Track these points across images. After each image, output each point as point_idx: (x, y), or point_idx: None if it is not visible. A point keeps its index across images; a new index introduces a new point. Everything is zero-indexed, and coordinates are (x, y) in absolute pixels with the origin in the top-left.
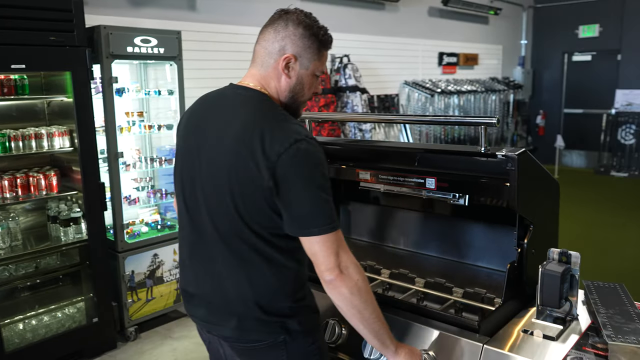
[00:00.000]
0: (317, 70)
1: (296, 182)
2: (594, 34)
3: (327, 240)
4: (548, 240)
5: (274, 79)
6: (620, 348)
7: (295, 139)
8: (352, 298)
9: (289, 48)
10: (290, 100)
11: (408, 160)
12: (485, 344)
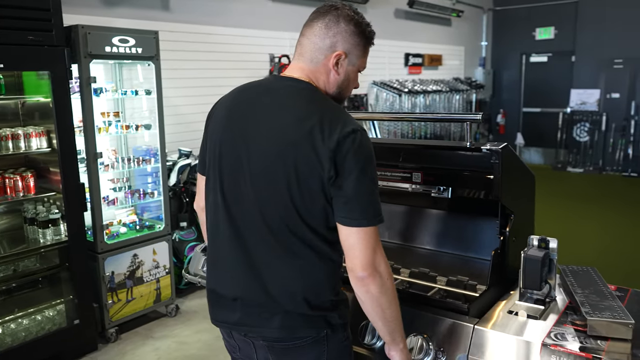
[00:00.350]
0: (362, 67)
1: (353, 170)
2: (549, 36)
3: (367, 234)
4: (527, 228)
5: (323, 74)
6: (598, 323)
7: (352, 129)
8: (380, 297)
9: (340, 45)
10: (336, 95)
11: (395, 156)
12: (476, 324)
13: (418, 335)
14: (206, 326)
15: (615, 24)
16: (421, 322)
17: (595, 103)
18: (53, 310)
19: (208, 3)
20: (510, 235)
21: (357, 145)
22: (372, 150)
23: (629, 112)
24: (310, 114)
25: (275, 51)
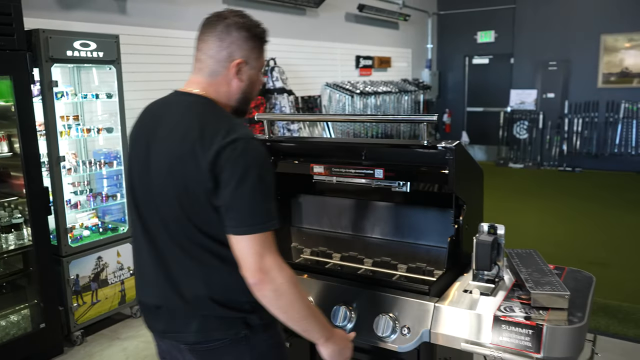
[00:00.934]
0: (261, 66)
1: (232, 179)
2: (490, 39)
3: (252, 241)
4: (477, 217)
5: (224, 85)
6: (539, 296)
7: (234, 138)
8: (277, 301)
9: (237, 53)
10: (242, 100)
11: (357, 154)
12: (436, 303)
13: (385, 315)
14: None
15: (549, 29)
16: (387, 304)
17: (533, 102)
18: (18, 315)
19: (164, 7)
20: (464, 223)
21: (238, 154)
22: (258, 156)
23: (562, 111)
24: (194, 128)
25: None
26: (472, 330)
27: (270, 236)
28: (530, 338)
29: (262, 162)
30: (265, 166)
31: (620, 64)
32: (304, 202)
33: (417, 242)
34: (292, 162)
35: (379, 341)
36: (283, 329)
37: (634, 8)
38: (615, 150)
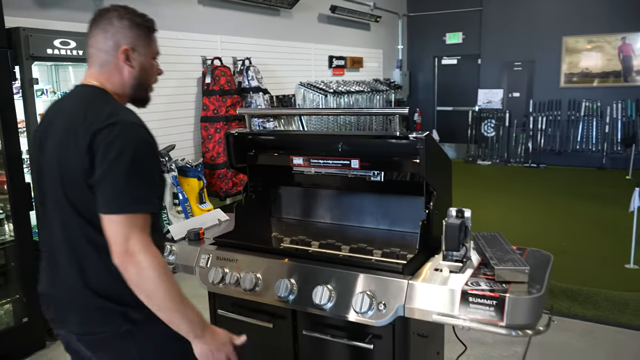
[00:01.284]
0: (153, 54)
1: (104, 159)
2: (458, 40)
3: (119, 221)
4: (446, 203)
5: (116, 73)
6: (502, 271)
7: (113, 121)
8: (140, 285)
9: (122, 41)
10: (137, 87)
11: (334, 146)
12: (409, 280)
13: (363, 293)
14: None
15: (515, 30)
16: (364, 283)
17: (500, 101)
18: (0, 309)
19: (140, 6)
20: (434, 209)
21: (114, 136)
22: (137, 142)
23: (527, 110)
24: (80, 115)
25: (207, 54)
26: (443, 304)
27: (141, 219)
28: (495, 308)
29: (139, 146)
30: (142, 151)
31: (581, 64)
32: (283, 193)
33: (392, 229)
34: (271, 155)
35: (358, 317)
36: None
37: (593, 11)
38: (577, 147)
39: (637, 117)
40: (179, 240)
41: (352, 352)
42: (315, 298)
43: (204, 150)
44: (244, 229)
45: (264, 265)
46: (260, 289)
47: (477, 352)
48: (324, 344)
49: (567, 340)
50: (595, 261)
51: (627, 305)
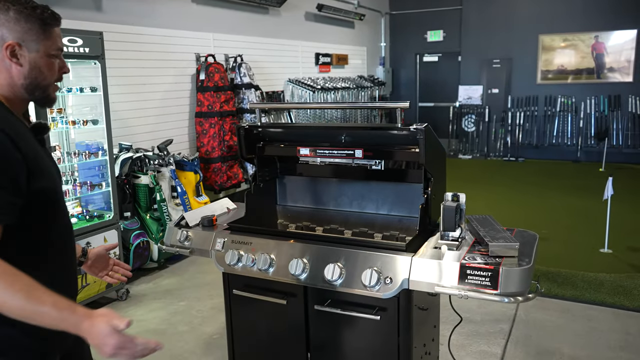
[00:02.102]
0: (51, 50)
1: None
2: (439, 38)
3: None
4: (442, 189)
5: (3, 72)
6: (496, 247)
7: None
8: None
9: (7, 36)
10: (30, 87)
11: (338, 137)
12: (413, 257)
13: (370, 269)
14: (160, 304)
15: (493, 29)
16: (371, 261)
17: (479, 98)
18: None
19: (137, 5)
20: (432, 193)
21: None
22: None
23: (506, 105)
24: None
25: (201, 51)
26: (443, 277)
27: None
28: (490, 279)
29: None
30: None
31: (556, 62)
32: (287, 182)
33: (391, 214)
34: (279, 146)
35: (367, 291)
36: None
37: (568, 11)
38: (553, 141)
39: (609, 112)
40: (194, 226)
41: (359, 324)
42: (327, 275)
43: (198, 145)
44: (254, 215)
45: (277, 247)
46: (275, 269)
47: (467, 329)
48: (333, 318)
49: (548, 318)
50: (573, 246)
51: (602, 285)
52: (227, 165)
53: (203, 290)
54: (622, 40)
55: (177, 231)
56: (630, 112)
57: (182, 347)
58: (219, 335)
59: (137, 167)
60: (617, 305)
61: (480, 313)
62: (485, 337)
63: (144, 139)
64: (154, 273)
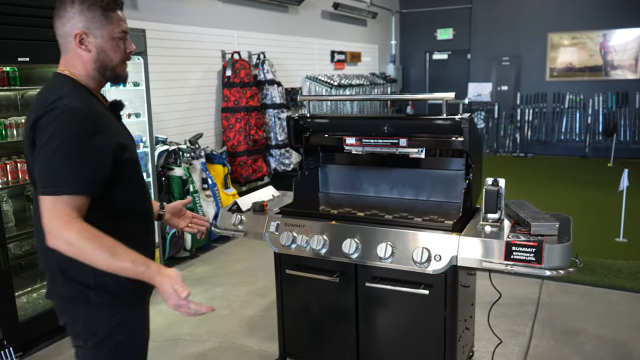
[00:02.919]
0: (114, 33)
1: (40, 143)
2: (449, 36)
3: (48, 204)
4: (479, 175)
5: (77, 58)
6: (538, 225)
7: (51, 107)
8: (75, 255)
9: (75, 27)
10: (101, 69)
11: (381, 127)
12: (460, 236)
13: (422, 247)
14: (197, 290)
15: (503, 27)
16: (420, 241)
17: (489, 95)
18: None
19: (168, 3)
20: (473, 179)
21: (49, 121)
22: (70, 127)
23: (515, 102)
24: (37, 101)
25: (226, 48)
26: (490, 253)
27: (66, 201)
28: (534, 254)
29: (70, 131)
30: (74, 135)
31: (565, 59)
32: (329, 171)
33: (429, 199)
34: (324, 136)
35: (418, 267)
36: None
37: (576, 9)
38: (561, 137)
39: (617, 109)
40: (246, 211)
41: (407, 300)
42: (380, 252)
43: (224, 139)
44: (302, 200)
45: (328, 229)
46: (327, 249)
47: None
48: (382, 294)
49: (570, 301)
50: (589, 236)
51: (620, 271)
52: (252, 158)
53: (236, 277)
54: (630, 38)
55: (232, 215)
56: (637, 108)
57: (225, 327)
58: (260, 317)
59: (172, 160)
60: (635, 290)
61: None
62: (513, 318)
63: (175, 132)
64: (187, 262)
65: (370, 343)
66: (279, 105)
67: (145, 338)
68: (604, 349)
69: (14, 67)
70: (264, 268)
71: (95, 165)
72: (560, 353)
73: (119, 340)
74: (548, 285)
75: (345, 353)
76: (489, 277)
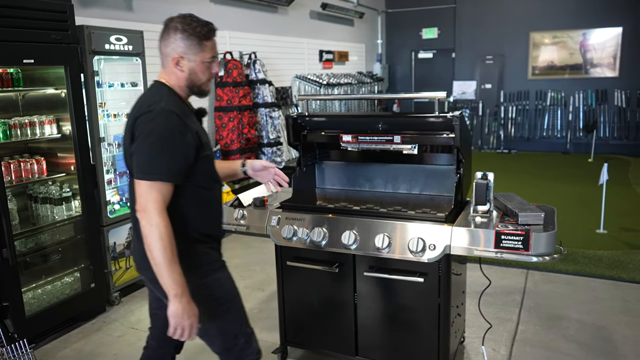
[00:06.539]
0: (204, 59)
1: (138, 137)
2: (434, 35)
3: (143, 186)
4: (469, 169)
5: (172, 73)
6: (524, 216)
7: (150, 109)
8: (147, 236)
9: (175, 51)
10: (190, 86)
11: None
12: (453, 226)
13: (417, 237)
14: None
15: (486, 26)
16: (415, 231)
17: (473, 92)
18: (70, 277)
19: (161, 4)
20: (463, 173)
21: (148, 120)
22: (165, 126)
23: (499, 100)
24: (138, 102)
25: (219, 48)
26: (481, 241)
27: (160, 186)
28: (522, 242)
29: (165, 129)
30: (168, 133)
31: (546, 58)
32: (325, 167)
33: (422, 193)
34: (322, 134)
35: (413, 256)
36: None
37: (557, 9)
38: (544, 134)
39: (597, 106)
40: (247, 206)
41: (403, 288)
42: (378, 243)
43: (217, 137)
44: (301, 195)
45: (327, 222)
46: (327, 241)
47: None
48: (378, 282)
49: (554, 289)
50: (571, 228)
51: (601, 260)
52: (245, 156)
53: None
54: (608, 37)
55: (234, 210)
56: (616, 105)
57: None
58: (258, 309)
59: None
60: (615, 278)
61: (493, 287)
62: (501, 306)
63: None
64: None
65: (368, 329)
66: (270, 104)
67: (229, 286)
68: (586, 333)
69: (18, 68)
70: (259, 263)
71: (183, 158)
72: (545, 337)
73: (204, 286)
74: (533, 275)
75: (344, 340)
76: (479, 266)
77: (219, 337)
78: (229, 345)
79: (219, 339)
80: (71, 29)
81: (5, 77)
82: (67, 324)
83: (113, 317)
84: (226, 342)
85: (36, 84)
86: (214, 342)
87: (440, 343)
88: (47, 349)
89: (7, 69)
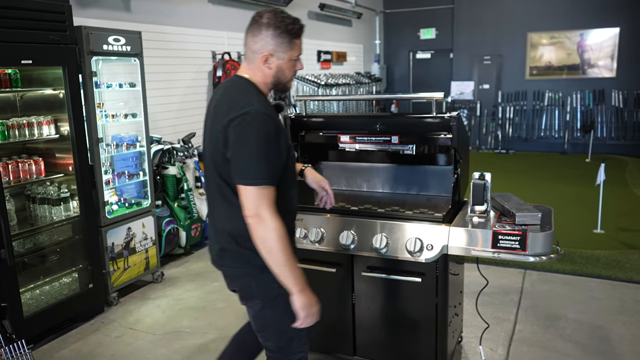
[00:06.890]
0: (292, 57)
1: (237, 142)
2: (432, 36)
3: (251, 192)
4: (467, 170)
5: (259, 70)
6: (522, 215)
7: (245, 111)
8: (263, 241)
9: (265, 48)
10: (275, 82)
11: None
12: (450, 226)
13: (415, 238)
14: (194, 285)
15: (484, 27)
16: (413, 231)
17: (471, 93)
18: (68, 277)
19: (159, 5)
20: (461, 173)
21: (245, 124)
22: (262, 129)
23: (496, 100)
24: (228, 100)
25: (217, 49)
26: (478, 242)
27: (266, 190)
28: (519, 242)
29: (263, 133)
30: (266, 137)
31: (544, 58)
32: (323, 167)
33: (420, 193)
34: (319, 134)
35: (411, 256)
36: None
37: (555, 9)
38: (541, 134)
39: (594, 106)
40: None
41: (400, 287)
42: (375, 243)
43: None
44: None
45: (325, 222)
46: (325, 241)
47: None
48: (376, 282)
49: (551, 289)
50: (568, 228)
51: (598, 260)
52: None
53: None
54: (605, 37)
55: None
56: (613, 105)
57: (224, 320)
58: None
59: (166, 159)
60: (612, 278)
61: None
62: (498, 306)
63: (168, 132)
64: (182, 258)
65: (366, 329)
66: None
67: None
68: (583, 333)
69: (16, 69)
70: None
71: (279, 161)
72: (543, 337)
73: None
74: (530, 275)
75: (342, 339)
76: (477, 266)
77: (276, 334)
78: (282, 344)
79: (276, 336)
80: (69, 29)
81: (3, 77)
82: (65, 324)
83: (111, 318)
84: (281, 342)
85: (34, 84)
86: (270, 338)
87: (437, 343)
88: (45, 350)
89: (5, 70)
